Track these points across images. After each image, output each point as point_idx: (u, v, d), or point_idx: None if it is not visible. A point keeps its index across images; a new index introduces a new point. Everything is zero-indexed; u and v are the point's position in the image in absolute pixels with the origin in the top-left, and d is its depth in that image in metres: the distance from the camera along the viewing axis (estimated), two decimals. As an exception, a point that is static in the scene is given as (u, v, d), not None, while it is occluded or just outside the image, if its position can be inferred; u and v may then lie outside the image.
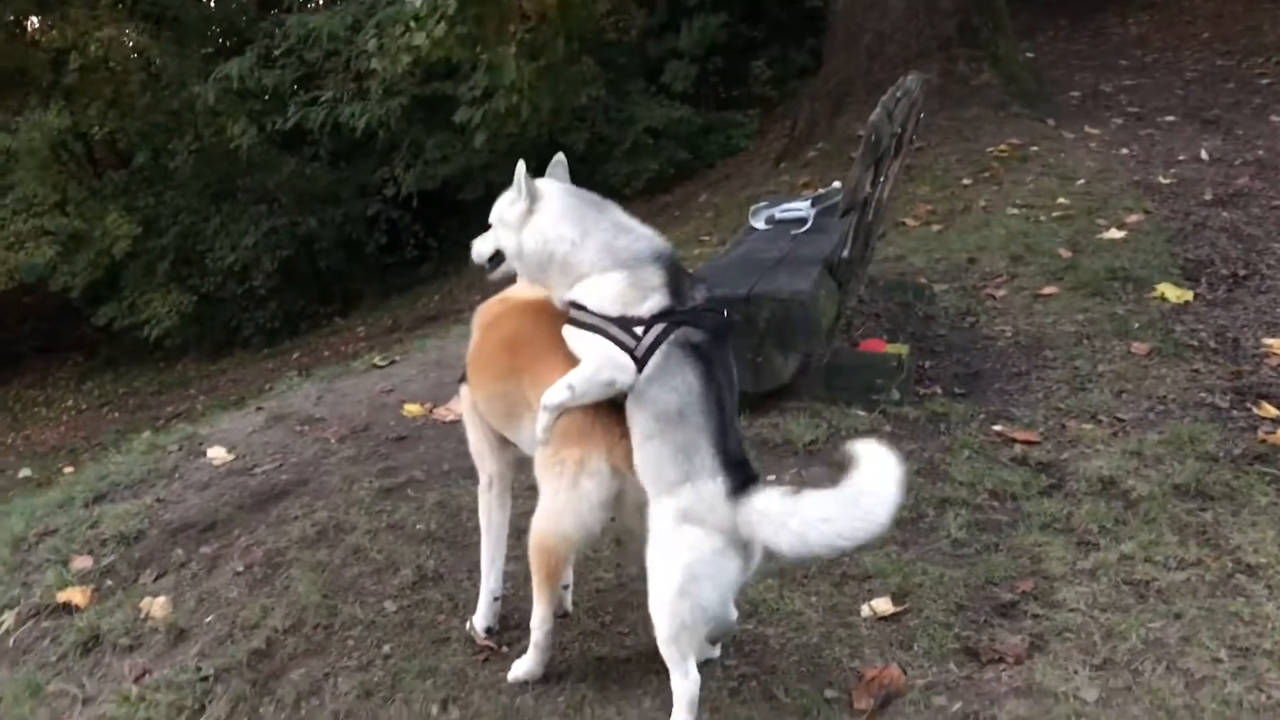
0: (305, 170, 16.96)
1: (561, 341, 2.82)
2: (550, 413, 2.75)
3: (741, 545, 2.63)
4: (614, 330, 2.70)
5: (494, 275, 3.06)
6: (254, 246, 16.40)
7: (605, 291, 2.75)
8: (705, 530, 2.61)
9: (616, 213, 2.88)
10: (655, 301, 2.72)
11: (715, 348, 2.72)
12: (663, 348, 2.67)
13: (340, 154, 16.86)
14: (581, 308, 2.78)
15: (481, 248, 3.02)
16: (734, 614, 2.98)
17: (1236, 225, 6.89)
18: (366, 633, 3.40)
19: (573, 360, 2.77)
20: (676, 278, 2.77)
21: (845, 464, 2.56)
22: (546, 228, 2.82)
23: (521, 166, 2.87)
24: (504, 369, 3.02)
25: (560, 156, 3.03)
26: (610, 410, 2.77)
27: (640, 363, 2.68)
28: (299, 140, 16.60)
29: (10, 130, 15.93)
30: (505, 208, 2.91)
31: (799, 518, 2.52)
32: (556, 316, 2.88)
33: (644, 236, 2.83)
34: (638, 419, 2.70)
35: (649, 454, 2.67)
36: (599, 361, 2.71)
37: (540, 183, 2.90)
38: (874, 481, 2.50)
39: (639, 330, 2.69)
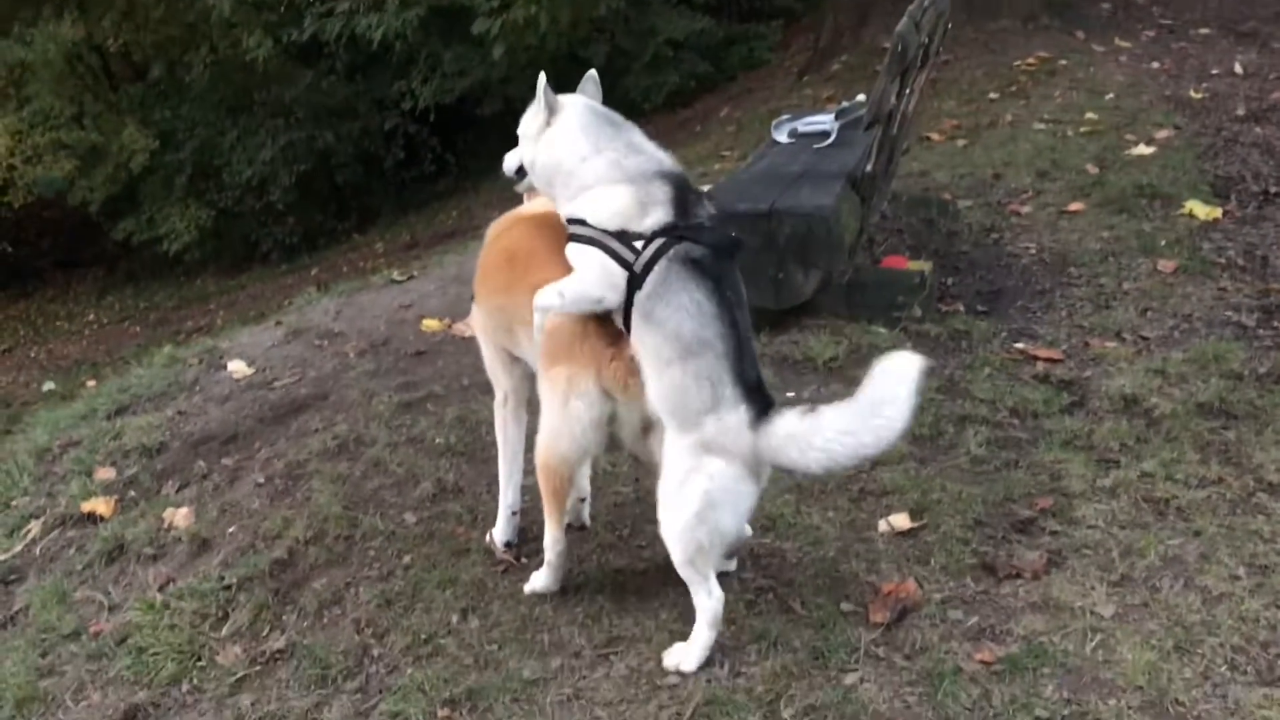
0: (322, 83, 16.74)
1: (561, 255, 2.80)
2: (541, 314, 2.77)
3: (756, 469, 2.65)
4: (613, 244, 2.68)
5: (520, 188, 3.07)
6: (271, 161, 16.27)
7: (609, 205, 2.72)
8: (727, 459, 2.61)
9: (633, 133, 2.84)
10: (657, 216, 2.68)
11: (720, 265, 2.68)
12: (661, 263, 2.64)
13: (357, 66, 16.63)
14: (582, 222, 2.75)
15: (509, 161, 3.03)
16: (746, 529, 2.99)
17: (1269, 141, 6.75)
18: (387, 544, 3.44)
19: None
20: (683, 194, 2.72)
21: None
22: (559, 140, 2.80)
23: (543, 78, 2.83)
24: (503, 282, 3.03)
25: (593, 74, 2.98)
26: (600, 333, 2.76)
27: (640, 278, 2.64)
28: (315, 53, 16.37)
29: (25, 42, 15.75)
30: (527, 120, 2.90)
31: (822, 435, 2.52)
32: (558, 230, 2.86)
33: (655, 158, 2.79)
34: (649, 342, 2.66)
35: (669, 383, 2.63)
36: (593, 275, 2.69)
37: (563, 97, 2.87)
38: (889, 388, 2.51)
39: (639, 245, 2.66)
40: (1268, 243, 5.24)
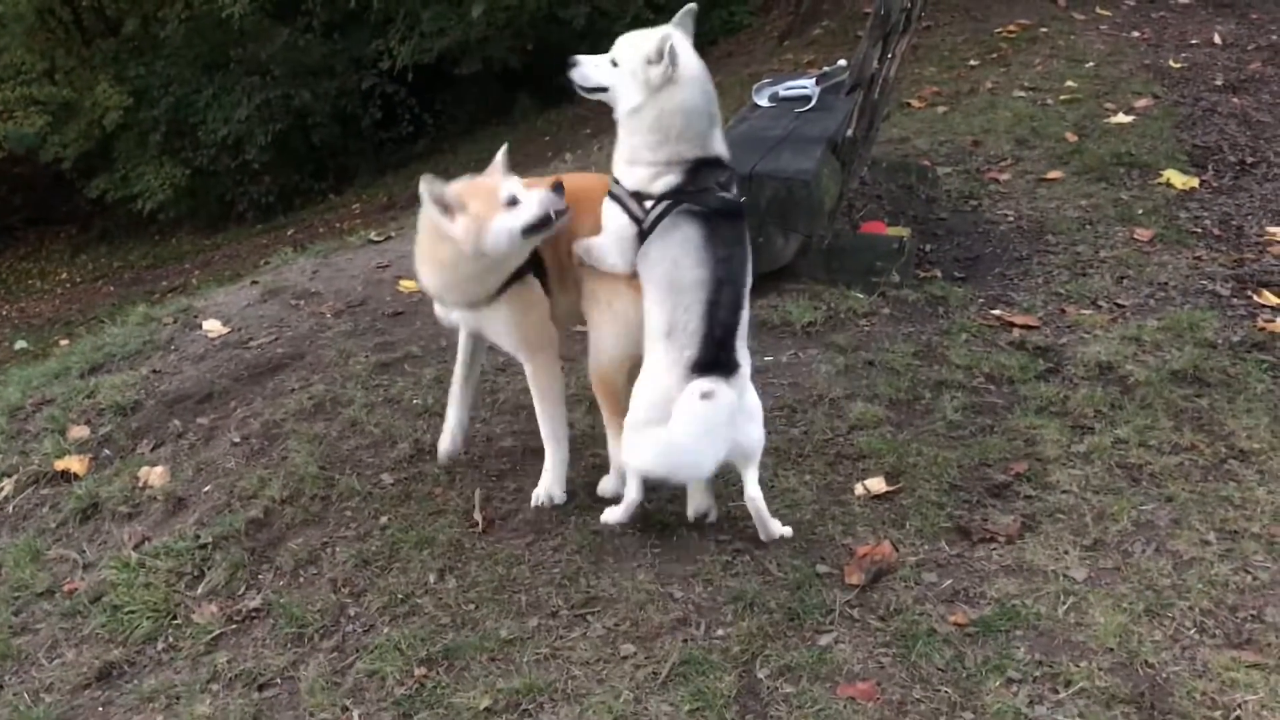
0: (299, 41, 16.50)
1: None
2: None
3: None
4: (631, 204, 2.95)
5: (584, 94, 3.10)
6: (247, 120, 16.07)
7: (631, 176, 2.96)
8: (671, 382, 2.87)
9: (718, 128, 2.99)
10: (667, 181, 2.90)
11: (719, 225, 2.90)
12: (665, 220, 2.89)
13: (335, 24, 16.41)
14: (617, 181, 3.01)
15: (593, 74, 3.04)
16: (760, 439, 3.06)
17: (1247, 111, 6.78)
18: (364, 504, 3.43)
19: None
20: (698, 167, 2.91)
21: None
22: (672, 119, 2.89)
23: (678, 32, 2.92)
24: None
25: (691, 5, 3.01)
26: None
27: (645, 235, 2.91)
28: (292, 10, 16.16)
29: (-7, -6, 15.52)
30: (641, 61, 2.91)
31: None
32: None
33: (704, 148, 2.94)
34: (644, 280, 2.96)
35: (649, 305, 2.94)
36: (610, 240, 3.00)
37: (682, 54, 2.89)
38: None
39: (649, 204, 2.91)
40: (1243, 212, 5.28)
